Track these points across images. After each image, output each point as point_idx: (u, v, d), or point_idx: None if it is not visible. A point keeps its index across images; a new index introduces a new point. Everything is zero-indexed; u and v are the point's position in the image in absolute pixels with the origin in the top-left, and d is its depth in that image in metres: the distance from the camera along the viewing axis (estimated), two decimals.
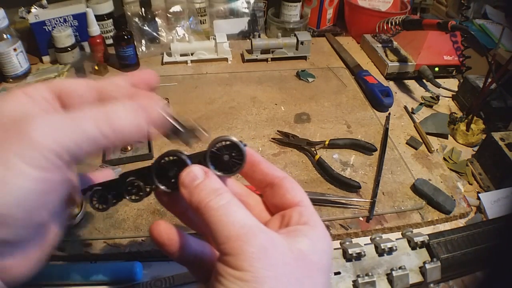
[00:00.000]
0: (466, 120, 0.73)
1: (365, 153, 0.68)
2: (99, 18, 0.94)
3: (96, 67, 0.89)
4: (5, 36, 0.80)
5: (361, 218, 0.57)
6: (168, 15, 0.99)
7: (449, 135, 0.75)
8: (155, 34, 0.97)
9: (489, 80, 0.69)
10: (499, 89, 0.73)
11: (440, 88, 0.86)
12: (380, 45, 0.98)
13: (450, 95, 0.87)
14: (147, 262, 0.49)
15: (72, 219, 0.51)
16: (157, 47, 0.97)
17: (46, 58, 0.94)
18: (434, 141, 0.73)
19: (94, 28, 0.87)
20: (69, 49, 0.89)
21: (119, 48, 0.87)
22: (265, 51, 0.96)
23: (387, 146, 0.69)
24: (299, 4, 1.06)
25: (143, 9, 0.95)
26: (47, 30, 0.89)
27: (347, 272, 0.48)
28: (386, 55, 0.94)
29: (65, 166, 0.21)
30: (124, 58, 0.89)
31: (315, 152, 0.65)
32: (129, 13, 0.94)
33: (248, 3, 1.05)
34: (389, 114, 0.78)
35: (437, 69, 0.90)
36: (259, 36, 0.97)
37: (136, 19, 0.94)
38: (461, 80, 0.86)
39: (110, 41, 0.95)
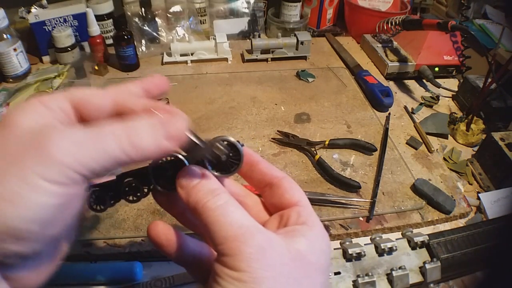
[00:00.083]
0: (466, 120, 0.73)
1: (365, 153, 0.68)
2: (99, 18, 0.94)
3: (96, 67, 0.89)
4: (5, 36, 0.81)
5: (361, 218, 0.57)
6: (168, 15, 0.99)
7: (449, 135, 0.75)
8: (155, 34, 0.97)
9: (489, 80, 0.69)
10: (499, 89, 0.73)
11: (440, 88, 0.86)
12: (380, 45, 0.98)
13: (450, 95, 0.87)
14: (147, 262, 0.49)
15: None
16: (157, 47, 0.97)
17: (46, 58, 0.94)
18: (434, 141, 0.73)
19: (94, 28, 0.87)
20: (69, 49, 0.89)
21: (119, 48, 0.87)
22: (265, 51, 0.96)
23: (387, 146, 0.69)
24: (299, 4, 1.06)
25: (143, 9, 0.95)
26: (47, 30, 0.89)
27: (347, 272, 0.48)
28: (386, 55, 0.93)
29: (83, 182, 0.21)
30: (124, 58, 0.89)
31: (315, 152, 0.65)
32: (129, 13, 0.94)
33: (248, 3, 1.05)
34: (389, 114, 0.78)
35: (437, 69, 0.90)
36: (259, 36, 0.97)
37: (136, 19, 0.94)
38: (461, 80, 0.85)
39: (110, 41, 0.95)
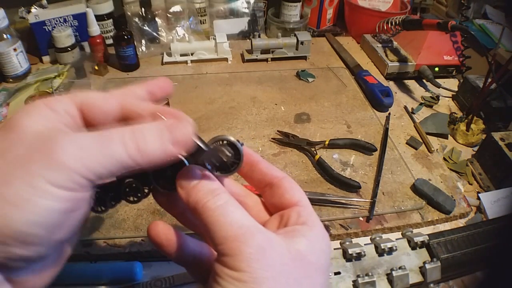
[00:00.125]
0: (466, 120, 0.73)
1: (365, 153, 0.68)
2: (99, 18, 0.94)
3: (96, 67, 0.89)
4: (5, 36, 0.81)
5: (361, 218, 0.57)
6: (168, 15, 0.99)
7: (449, 135, 0.75)
8: (155, 34, 0.97)
9: (489, 80, 0.69)
10: (499, 89, 0.73)
11: (440, 88, 0.86)
12: (380, 45, 0.98)
13: (450, 95, 0.87)
14: (147, 262, 0.49)
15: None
16: (157, 47, 0.97)
17: (46, 58, 0.94)
18: (434, 141, 0.73)
19: (94, 28, 0.87)
20: (69, 49, 0.89)
21: (119, 48, 0.87)
22: (265, 51, 0.96)
23: (387, 146, 0.69)
24: (299, 4, 1.06)
25: (143, 9, 0.95)
26: (47, 30, 0.89)
27: (347, 272, 0.48)
28: (386, 55, 0.93)
29: (90, 186, 0.21)
30: (124, 58, 0.89)
31: (315, 152, 0.65)
32: (129, 13, 0.94)
33: (248, 3, 1.05)
34: (389, 114, 0.78)
35: (437, 69, 0.90)
36: (259, 36, 0.97)
37: (136, 19, 0.94)
38: (461, 80, 0.85)
39: (110, 41, 0.95)
